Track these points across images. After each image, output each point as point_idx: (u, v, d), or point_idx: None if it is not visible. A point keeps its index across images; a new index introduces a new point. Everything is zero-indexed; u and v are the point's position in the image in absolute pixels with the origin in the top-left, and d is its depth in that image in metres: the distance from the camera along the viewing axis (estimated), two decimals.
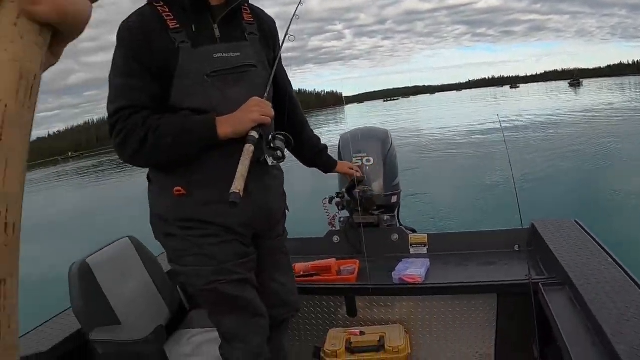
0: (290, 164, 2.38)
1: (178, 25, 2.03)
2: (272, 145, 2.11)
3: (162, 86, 2.01)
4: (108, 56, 2.02)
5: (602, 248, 2.99)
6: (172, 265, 2.26)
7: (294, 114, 2.55)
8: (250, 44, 2.20)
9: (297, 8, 2.57)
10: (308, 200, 3.24)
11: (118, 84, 2.00)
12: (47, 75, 0.44)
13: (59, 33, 0.43)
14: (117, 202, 20.51)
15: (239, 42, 2.17)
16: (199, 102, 2.02)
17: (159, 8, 2.04)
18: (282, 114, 2.40)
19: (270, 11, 2.43)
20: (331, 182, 3.64)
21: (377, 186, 3.65)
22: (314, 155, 2.80)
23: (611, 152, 16.26)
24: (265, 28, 2.33)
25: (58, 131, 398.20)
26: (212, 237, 2.10)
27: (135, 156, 2.00)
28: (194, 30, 2.05)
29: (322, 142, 2.85)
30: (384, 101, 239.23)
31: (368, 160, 3.67)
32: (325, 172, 3.00)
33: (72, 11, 0.42)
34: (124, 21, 2.03)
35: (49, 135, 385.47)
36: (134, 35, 1.99)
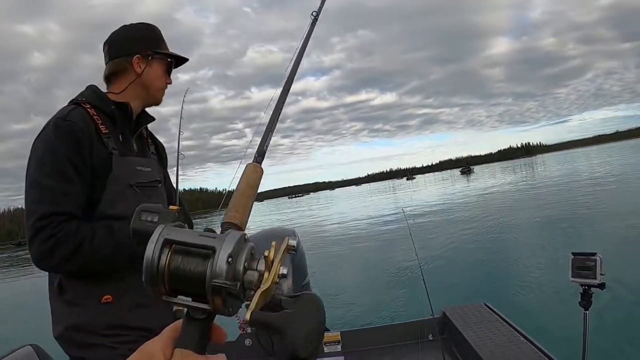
0: None
1: (107, 131, 2.02)
2: None
3: (93, 192, 1.97)
4: None
5: (513, 328, 3.05)
6: None
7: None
8: (154, 162, 2.27)
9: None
10: None
11: (49, 185, 1.87)
12: None
13: None
14: (15, 306, 18.91)
15: (148, 158, 2.23)
16: (122, 210, 1.98)
17: (89, 111, 2.01)
18: None
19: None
20: None
21: (286, 288, 3.61)
22: None
23: (506, 231, 16.87)
24: (160, 150, 2.44)
25: None
26: (138, 343, 2.01)
27: (64, 264, 1.89)
28: (120, 139, 2.07)
29: None
30: (289, 198, 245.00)
31: None
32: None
33: None
34: (60, 118, 1.93)
35: None
36: (75, 135, 1.92)
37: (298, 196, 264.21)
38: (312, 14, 1.55)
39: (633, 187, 25.58)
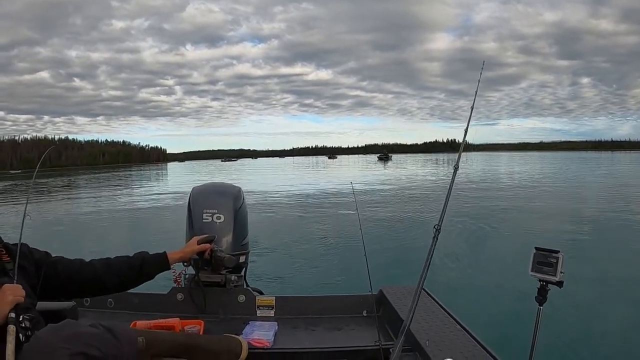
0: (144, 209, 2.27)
1: None
2: (22, 325, 2.15)
3: None
4: None
5: (450, 314, 3.10)
6: None
7: (76, 276, 2.68)
8: (8, 280, 2.31)
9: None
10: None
11: None
12: None
13: None
14: None
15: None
16: None
17: None
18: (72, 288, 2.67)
19: None
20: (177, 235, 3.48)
21: (225, 245, 3.55)
22: (137, 269, 2.84)
23: (425, 220, 17.30)
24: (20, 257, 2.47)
25: None
26: None
27: None
28: None
29: (134, 256, 2.89)
30: (222, 161, 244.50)
31: (218, 217, 3.59)
32: (165, 269, 2.98)
33: None
34: None
35: None
36: None
37: (232, 160, 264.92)
38: None
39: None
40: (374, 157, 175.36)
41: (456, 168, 2.53)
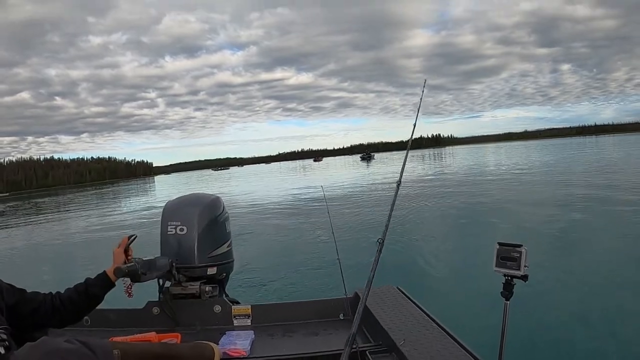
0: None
1: None
2: None
3: None
4: None
5: (425, 312, 3.08)
6: None
7: (37, 309, 2.62)
8: None
9: None
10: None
11: None
12: None
13: None
14: None
15: None
16: None
17: None
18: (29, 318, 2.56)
19: None
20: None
21: (189, 257, 3.54)
22: (83, 294, 2.78)
23: (412, 217, 17.29)
24: None
25: None
26: None
27: None
28: None
29: (80, 283, 2.82)
30: (213, 170, 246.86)
31: (181, 230, 3.56)
32: (109, 286, 2.87)
33: None
34: None
35: None
36: None
37: (223, 168, 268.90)
38: None
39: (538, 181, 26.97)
40: (358, 158, 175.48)
41: (398, 184, 2.51)
